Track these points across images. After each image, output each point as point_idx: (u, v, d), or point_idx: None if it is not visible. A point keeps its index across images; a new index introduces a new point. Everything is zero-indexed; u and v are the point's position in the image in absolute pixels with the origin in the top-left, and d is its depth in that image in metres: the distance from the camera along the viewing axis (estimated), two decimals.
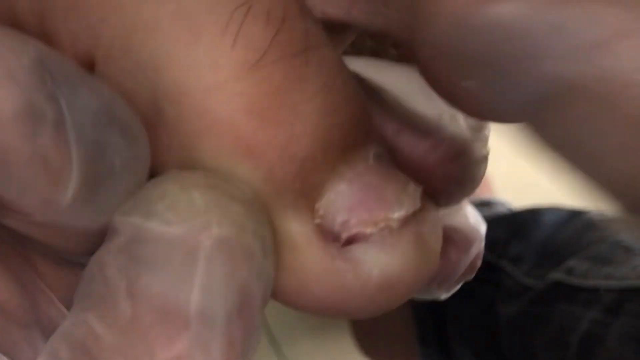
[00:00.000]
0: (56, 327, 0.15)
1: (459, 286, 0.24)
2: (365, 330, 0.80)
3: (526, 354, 0.53)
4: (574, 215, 0.59)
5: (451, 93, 0.15)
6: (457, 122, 0.18)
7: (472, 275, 0.24)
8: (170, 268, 0.12)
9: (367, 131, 0.15)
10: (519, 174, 0.83)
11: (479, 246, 0.23)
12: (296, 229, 0.14)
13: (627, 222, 0.14)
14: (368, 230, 0.14)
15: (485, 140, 0.18)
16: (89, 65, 0.14)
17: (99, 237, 0.14)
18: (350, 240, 0.14)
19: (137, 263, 0.12)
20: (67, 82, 0.13)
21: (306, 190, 0.14)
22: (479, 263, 0.23)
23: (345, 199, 0.14)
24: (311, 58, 0.14)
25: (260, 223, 0.14)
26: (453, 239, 0.22)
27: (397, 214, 0.14)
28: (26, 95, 0.12)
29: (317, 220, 0.14)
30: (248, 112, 0.14)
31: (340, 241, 0.14)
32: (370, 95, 0.17)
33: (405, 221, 0.14)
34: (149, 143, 0.14)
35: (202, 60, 0.14)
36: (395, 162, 0.16)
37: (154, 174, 0.15)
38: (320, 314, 0.15)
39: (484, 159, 0.18)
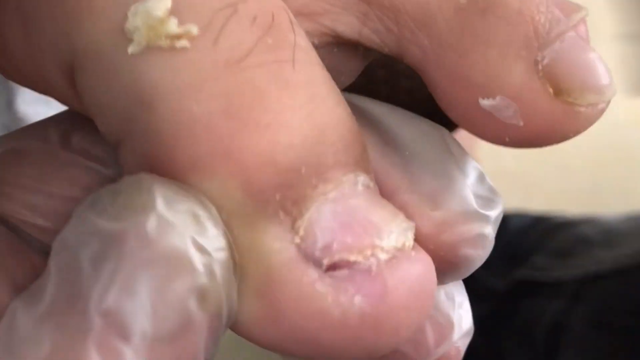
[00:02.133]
0: None
1: None
2: None
3: (496, 355, 0.54)
4: (539, 220, 0.60)
5: (467, 115, 0.15)
6: (465, 194, 0.16)
7: None
8: (98, 266, 0.12)
9: (359, 160, 0.14)
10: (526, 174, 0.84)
11: (453, 339, 0.19)
12: (273, 246, 0.13)
13: None
14: (352, 257, 0.13)
15: (490, 221, 0.17)
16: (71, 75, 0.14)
17: None
18: (333, 267, 0.13)
19: (73, 257, 0.12)
20: None
21: (287, 206, 0.13)
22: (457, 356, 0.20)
23: (329, 220, 0.13)
24: (300, 67, 0.13)
25: (217, 243, 0.12)
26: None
27: (386, 243, 0.13)
28: None
29: (297, 240, 0.13)
30: (227, 114, 0.13)
31: (321, 267, 0.13)
32: (384, 144, 0.16)
33: (396, 256, 0.13)
34: None
35: (181, 56, 0.13)
36: None
37: None
38: (296, 352, 0.13)
39: (484, 239, 0.17)
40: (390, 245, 0.13)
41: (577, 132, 0.15)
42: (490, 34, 0.14)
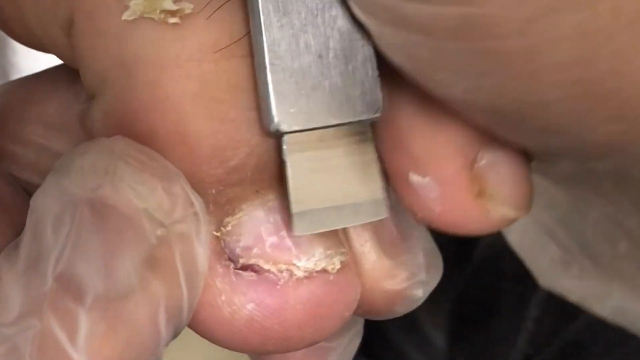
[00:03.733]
0: None
1: None
2: None
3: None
4: None
5: (395, 181, 0.15)
6: (420, 255, 0.16)
7: None
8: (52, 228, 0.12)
9: None
10: None
11: None
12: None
13: None
14: (266, 266, 0.13)
15: (429, 292, 0.17)
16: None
17: None
18: (246, 268, 0.13)
19: (40, 219, 0.13)
20: None
21: (220, 201, 0.13)
22: None
23: (256, 226, 0.13)
24: None
25: (173, 215, 0.13)
26: None
27: (303, 264, 0.13)
28: None
29: (219, 234, 0.13)
30: (198, 98, 0.13)
31: (236, 264, 0.13)
32: None
33: (312, 276, 0.14)
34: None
35: (170, 31, 0.13)
36: None
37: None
38: (201, 334, 0.14)
39: (415, 302, 0.16)
40: (308, 267, 0.13)
41: (480, 234, 0.15)
42: (444, 123, 0.14)
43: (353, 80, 0.14)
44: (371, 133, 0.14)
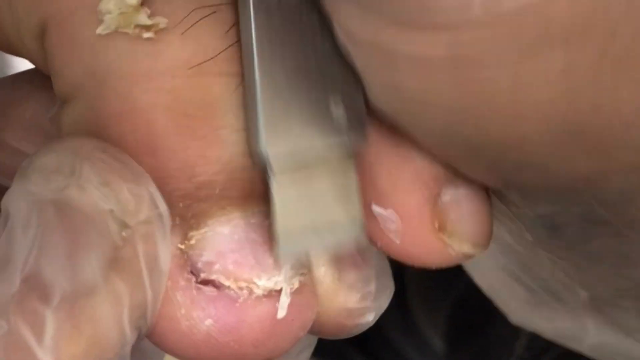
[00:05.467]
0: None
1: None
2: None
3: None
4: None
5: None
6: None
7: None
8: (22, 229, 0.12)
9: None
10: None
11: None
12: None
13: None
14: (226, 282, 0.13)
15: (379, 313, 0.16)
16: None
17: None
18: (207, 283, 0.13)
19: (11, 222, 0.12)
20: None
21: (186, 215, 0.13)
22: None
23: (219, 242, 0.13)
24: None
25: (138, 216, 0.13)
26: None
27: (263, 283, 0.14)
28: None
29: (183, 247, 0.13)
30: (169, 112, 0.13)
31: (197, 278, 0.13)
32: None
33: (271, 295, 0.14)
34: None
35: (144, 45, 0.13)
36: None
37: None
38: (157, 345, 0.14)
39: (365, 325, 0.16)
40: (267, 286, 0.13)
41: (439, 267, 0.15)
42: (410, 157, 0.14)
43: (341, 102, 0.14)
44: (353, 154, 0.14)
